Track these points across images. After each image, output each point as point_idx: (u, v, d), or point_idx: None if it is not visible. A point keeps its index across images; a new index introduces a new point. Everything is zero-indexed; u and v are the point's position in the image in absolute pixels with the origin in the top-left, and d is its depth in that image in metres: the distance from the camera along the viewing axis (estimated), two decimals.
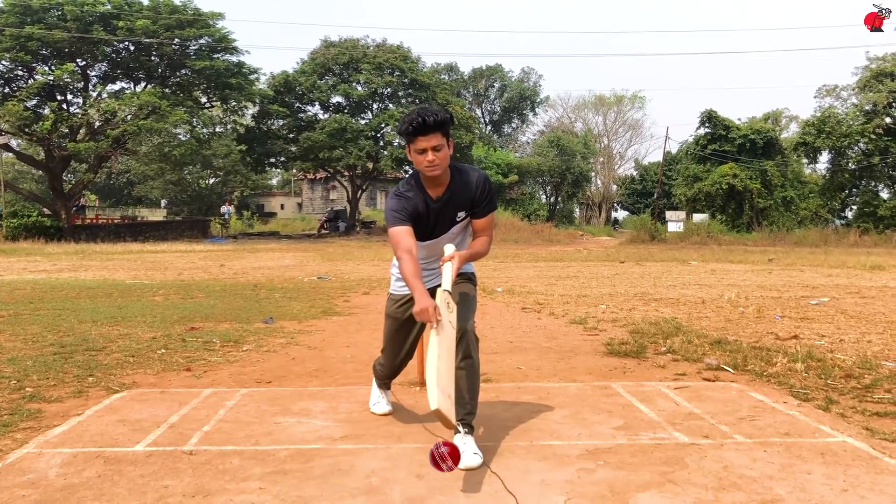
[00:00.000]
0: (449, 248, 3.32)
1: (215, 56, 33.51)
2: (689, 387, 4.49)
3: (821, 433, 3.49)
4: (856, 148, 36.18)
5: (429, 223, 3.36)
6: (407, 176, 3.45)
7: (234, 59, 34.47)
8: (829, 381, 4.58)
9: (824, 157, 37.74)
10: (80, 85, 32.49)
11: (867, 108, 35.00)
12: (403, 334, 3.64)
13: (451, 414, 2.85)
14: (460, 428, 3.15)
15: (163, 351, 5.64)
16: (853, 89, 36.61)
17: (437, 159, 3.18)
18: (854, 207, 38.53)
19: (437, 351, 2.96)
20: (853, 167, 36.61)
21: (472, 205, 3.37)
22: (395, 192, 3.36)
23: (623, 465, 3.05)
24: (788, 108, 65.13)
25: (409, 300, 3.51)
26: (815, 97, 42.17)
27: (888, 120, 34.80)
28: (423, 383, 4.47)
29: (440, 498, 2.71)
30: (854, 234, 32.39)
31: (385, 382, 3.96)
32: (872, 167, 35.47)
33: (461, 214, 3.38)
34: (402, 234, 3.25)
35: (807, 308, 8.55)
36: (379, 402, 3.93)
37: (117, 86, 34.29)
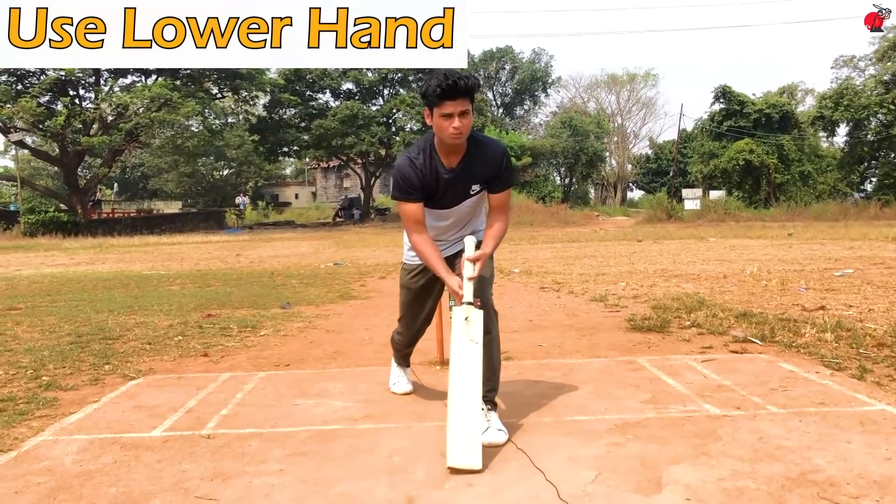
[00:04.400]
0: (470, 242, 3.08)
1: None
2: (716, 359, 4.37)
3: (857, 402, 3.37)
4: (874, 120, 35.59)
5: (438, 193, 3.15)
6: (418, 140, 3.26)
7: None
8: (860, 351, 4.45)
9: (842, 130, 37.21)
10: (92, 79, 32.53)
11: (885, 78, 34.40)
12: (420, 302, 3.54)
13: (472, 462, 2.67)
14: (483, 406, 3.06)
15: (180, 338, 5.58)
16: (870, 60, 36.00)
17: (463, 126, 2.96)
18: (874, 180, 37.96)
19: (456, 392, 2.84)
20: (872, 139, 36.03)
21: (489, 179, 3.17)
22: (406, 158, 3.14)
23: (654, 439, 2.94)
24: (804, 82, 64.27)
25: (422, 270, 3.41)
26: (831, 69, 41.61)
27: None
28: (443, 362, 4.39)
29: (466, 475, 2.62)
30: (874, 206, 31.78)
31: (403, 357, 3.86)
32: (892, 138, 34.86)
33: (476, 188, 3.19)
34: (413, 211, 3.11)
35: (831, 280, 8.38)
36: (399, 381, 3.84)
37: (128, 79, 34.27)
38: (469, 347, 2.93)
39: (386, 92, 40.73)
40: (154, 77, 33.60)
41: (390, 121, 39.21)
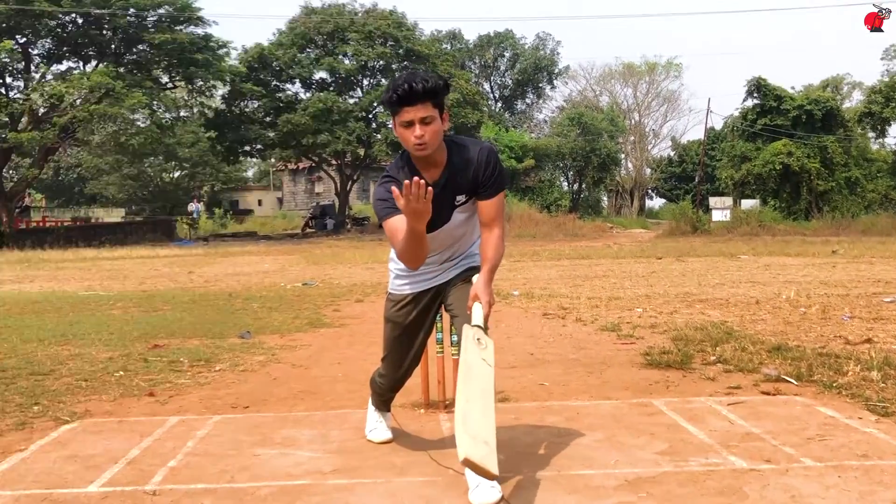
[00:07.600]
0: (477, 310, 3.13)
1: (177, 28, 33.58)
2: (744, 402, 4.42)
3: None
4: None
5: None
6: (394, 160, 3.33)
7: (199, 31, 34.64)
8: None
9: (894, 130, 37.64)
10: (21, 65, 32.61)
11: None
12: (406, 340, 3.56)
13: (488, 462, 2.70)
14: None
15: (121, 373, 5.59)
16: None
17: (427, 134, 3.04)
18: None
19: (466, 393, 2.85)
20: None
21: (475, 185, 3.22)
22: (385, 176, 3.24)
23: (670, 498, 2.98)
24: (850, 74, 64.89)
25: (411, 301, 3.46)
26: (881, 59, 42.01)
27: None
28: (428, 405, 4.43)
29: None
30: None
31: (384, 401, 3.89)
32: None
33: (461, 198, 3.24)
34: (400, 222, 3.07)
35: (880, 307, 8.48)
36: (377, 427, 3.87)
37: (64, 65, 34.49)
38: (481, 365, 2.95)
39: (365, 82, 41.04)
40: (94, 63, 33.69)
41: (370, 116, 39.45)
